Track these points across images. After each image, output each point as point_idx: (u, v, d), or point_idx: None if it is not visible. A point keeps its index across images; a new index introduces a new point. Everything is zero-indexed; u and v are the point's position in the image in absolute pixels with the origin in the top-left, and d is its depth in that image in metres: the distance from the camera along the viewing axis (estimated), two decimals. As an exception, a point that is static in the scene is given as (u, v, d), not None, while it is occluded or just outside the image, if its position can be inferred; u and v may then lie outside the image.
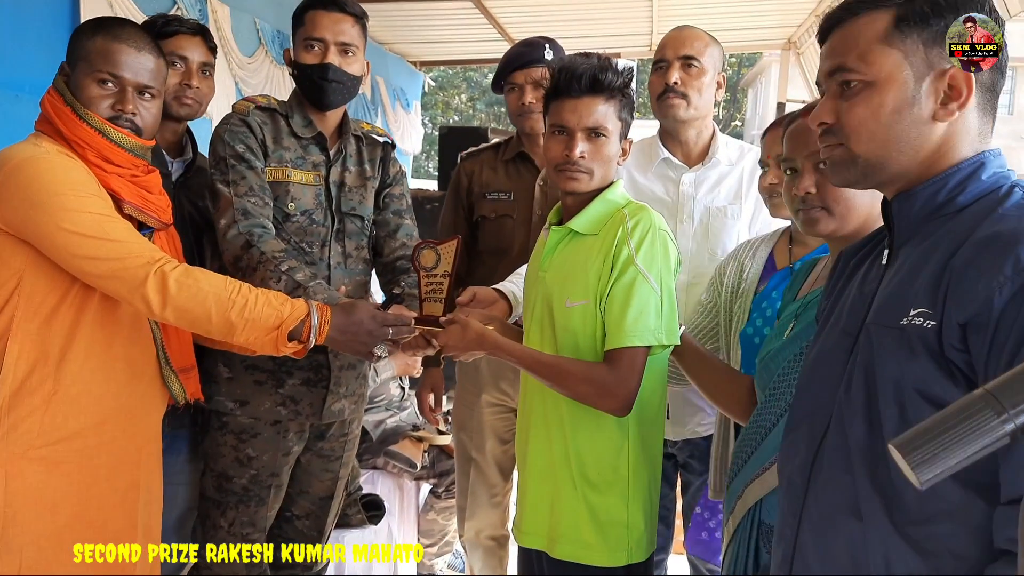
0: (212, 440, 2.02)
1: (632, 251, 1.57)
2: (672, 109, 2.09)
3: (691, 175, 2.15)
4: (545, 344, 1.68)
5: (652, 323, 1.56)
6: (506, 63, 2.41)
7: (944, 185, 1.02)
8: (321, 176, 2.03)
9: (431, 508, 3.05)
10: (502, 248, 2.44)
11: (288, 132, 2.01)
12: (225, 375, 1.99)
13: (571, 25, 6.46)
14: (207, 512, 2.04)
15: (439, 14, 6.37)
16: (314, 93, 1.99)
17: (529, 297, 1.78)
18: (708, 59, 2.08)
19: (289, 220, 1.98)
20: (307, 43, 1.96)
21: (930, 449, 0.57)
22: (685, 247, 2.12)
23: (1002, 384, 0.57)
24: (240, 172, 1.91)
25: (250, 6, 5.06)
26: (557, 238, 1.70)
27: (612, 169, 1.68)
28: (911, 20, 1.01)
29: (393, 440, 2.96)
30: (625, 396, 1.56)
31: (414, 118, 8.33)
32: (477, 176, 2.50)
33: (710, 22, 6.05)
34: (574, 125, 1.62)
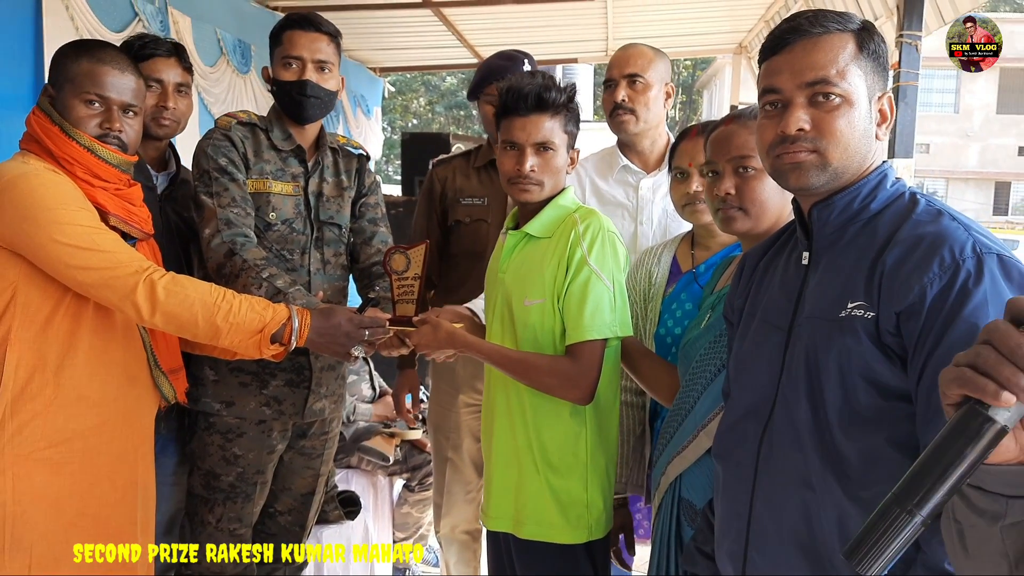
0: (199, 440, 2.11)
1: (585, 252, 1.70)
2: (623, 125, 2.25)
3: (649, 180, 2.28)
4: (506, 339, 1.80)
5: (607, 318, 1.70)
6: (486, 75, 2.50)
7: (858, 194, 1.16)
8: (300, 187, 2.13)
9: (405, 502, 3.13)
10: (477, 251, 2.53)
11: (268, 145, 2.11)
12: (211, 378, 2.08)
13: (529, 32, 6.56)
14: (195, 509, 2.12)
15: (399, 22, 6.43)
16: (293, 108, 2.09)
17: (490, 297, 1.90)
18: (653, 74, 2.22)
19: (270, 229, 2.08)
20: (285, 61, 2.07)
21: (869, 555, 0.71)
22: (646, 247, 2.23)
23: (905, 492, 0.70)
24: (223, 184, 2.01)
25: (211, 16, 5.08)
26: (514, 242, 1.82)
27: (562, 178, 1.81)
28: (866, 48, 1.15)
29: (366, 437, 3.03)
30: (588, 386, 1.70)
31: (375, 124, 8.37)
32: (450, 182, 2.59)
33: (663, 28, 6.22)
34: (523, 141, 1.75)
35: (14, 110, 3.39)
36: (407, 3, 5.81)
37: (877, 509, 0.71)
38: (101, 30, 3.79)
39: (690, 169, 1.82)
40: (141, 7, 4.23)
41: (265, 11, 5.83)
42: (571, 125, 1.80)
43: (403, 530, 3.15)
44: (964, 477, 0.69)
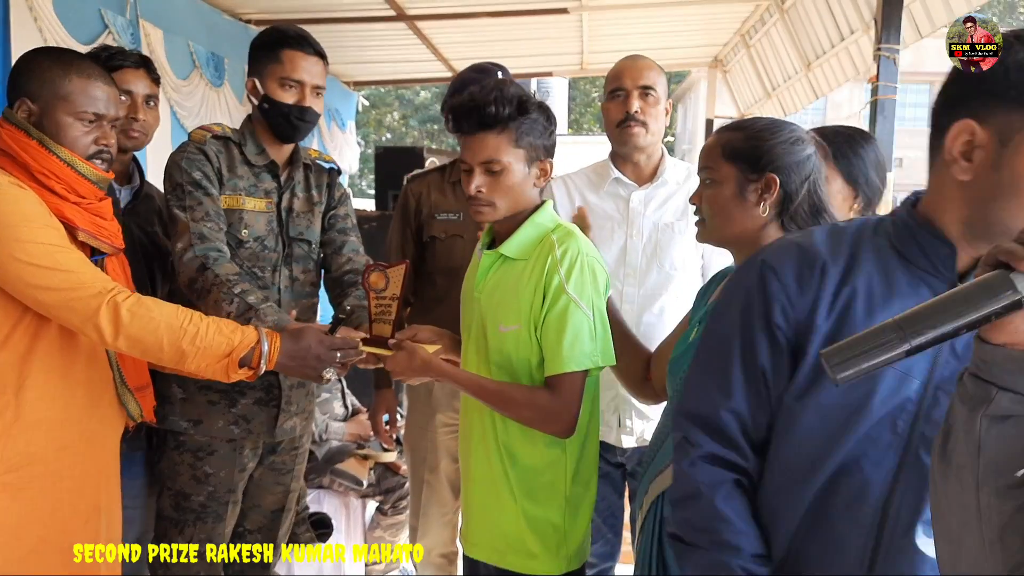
0: (169, 459, 2.06)
1: (562, 279, 1.64)
2: (634, 137, 2.20)
3: (640, 193, 2.25)
4: (480, 364, 1.75)
5: (587, 347, 1.64)
6: (459, 88, 2.45)
7: None
8: (273, 203, 2.10)
9: (378, 525, 3.07)
10: (453, 267, 2.48)
11: (241, 160, 2.09)
12: (179, 396, 2.04)
13: (503, 45, 6.55)
14: (164, 531, 2.07)
15: (373, 35, 6.39)
16: (286, 129, 2.08)
17: (465, 317, 1.84)
18: (660, 88, 2.20)
19: (242, 246, 2.05)
20: (285, 82, 2.04)
21: (846, 357, 0.77)
22: (635, 261, 2.21)
23: (908, 319, 0.76)
24: (197, 198, 1.97)
25: (183, 29, 5.02)
26: (489, 262, 1.76)
27: (523, 195, 1.72)
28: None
29: (339, 459, 2.98)
30: (568, 420, 1.65)
31: (349, 137, 8.31)
32: (426, 198, 2.55)
33: (639, 41, 6.23)
34: (471, 161, 1.69)
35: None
36: (382, 16, 5.78)
37: (875, 327, 0.77)
38: (69, 42, 3.71)
39: None
40: (111, 19, 4.17)
41: (238, 24, 5.78)
42: (529, 136, 1.69)
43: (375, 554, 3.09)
44: (965, 326, 0.74)
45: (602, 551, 2.35)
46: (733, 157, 1.50)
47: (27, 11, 3.48)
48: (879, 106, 3.55)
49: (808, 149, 1.50)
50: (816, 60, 5.24)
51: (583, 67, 7.68)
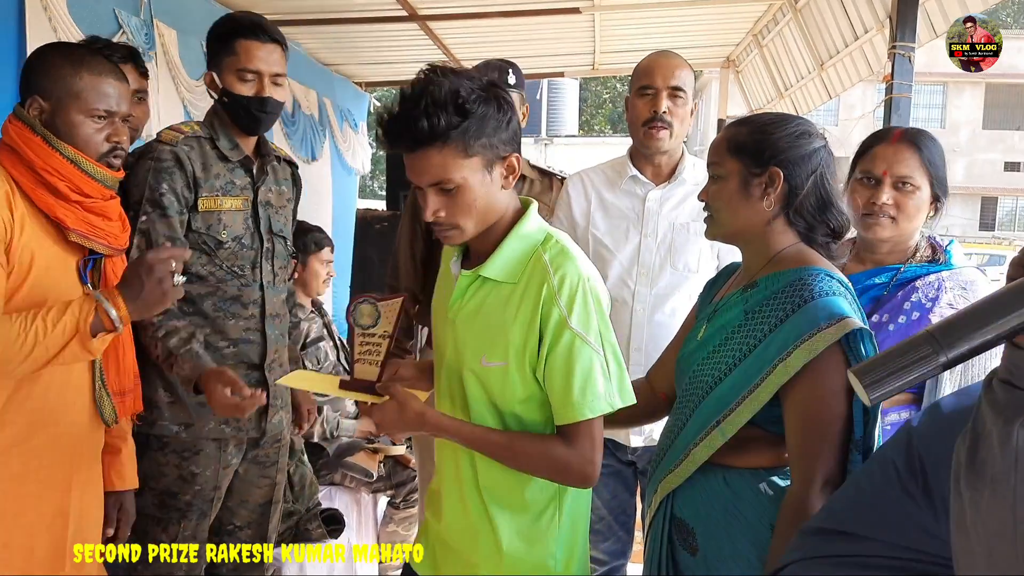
0: (152, 460, 2.04)
1: (564, 313, 1.40)
2: (658, 140, 2.17)
3: (657, 192, 2.23)
4: (455, 400, 1.52)
5: (601, 389, 1.42)
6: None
7: None
8: (248, 200, 2.09)
9: (391, 520, 3.08)
10: (461, 267, 2.49)
11: (216, 156, 2.06)
12: (167, 400, 2.03)
13: (515, 45, 6.55)
14: (146, 529, 2.05)
15: (385, 36, 6.41)
16: (247, 121, 2.06)
17: (439, 338, 1.59)
18: (690, 88, 2.18)
19: (222, 247, 2.04)
20: (242, 73, 2.01)
21: (880, 376, 0.73)
22: (648, 261, 2.20)
23: (942, 329, 0.72)
24: (151, 220, 1.95)
25: (197, 29, 5.03)
26: (467, 283, 1.50)
27: (492, 206, 1.45)
28: None
29: (349, 453, 2.98)
30: (590, 471, 1.45)
31: (361, 138, 8.33)
32: (434, 195, 2.55)
33: (651, 42, 6.21)
34: (419, 182, 1.43)
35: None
36: (393, 17, 5.79)
37: (907, 340, 0.73)
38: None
39: (884, 177, 1.81)
40: (125, 19, 4.19)
41: (251, 24, 5.79)
42: (481, 139, 1.39)
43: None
44: (1006, 334, 0.70)
45: (613, 549, 2.34)
46: (738, 151, 1.50)
47: (42, 11, 3.51)
48: (893, 104, 3.52)
49: (815, 143, 1.50)
50: (830, 60, 5.21)
51: (595, 67, 7.67)
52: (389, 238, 3.46)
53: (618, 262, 2.21)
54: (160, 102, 4.55)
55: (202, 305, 2.03)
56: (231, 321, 2.07)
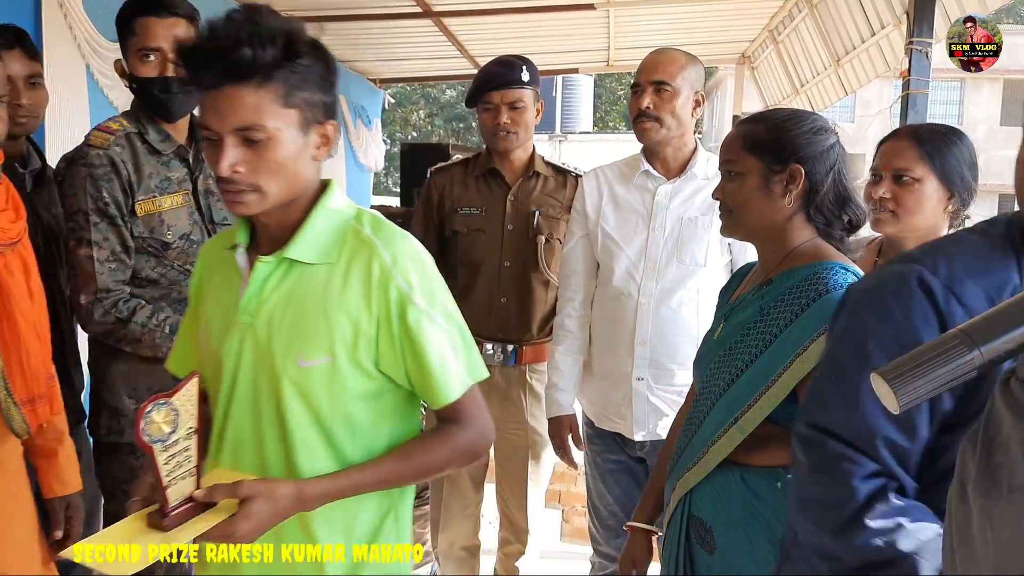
0: (122, 465, 2.01)
1: (405, 288, 1.23)
2: (646, 133, 2.17)
3: (667, 187, 2.23)
4: (263, 416, 1.27)
5: (464, 361, 1.29)
6: (483, 82, 2.45)
7: None
8: (188, 193, 2.00)
9: (405, 519, 3.08)
10: (474, 262, 2.50)
11: (147, 152, 1.95)
12: (132, 407, 1.97)
13: (529, 42, 6.54)
14: None
15: (400, 32, 6.41)
16: (158, 107, 1.93)
17: (217, 356, 1.30)
18: (681, 81, 2.15)
19: (169, 248, 1.97)
20: (142, 54, 1.88)
21: (909, 378, 0.64)
22: (655, 254, 2.19)
23: (975, 324, 0.64)
24: (102, 232, 1.89)
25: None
26: (267, 271, 1.26)
27: (300, 174, 1.24)
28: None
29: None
30: (490, 436, 1.35)
31: (376, 135, 8.35)
32: (448, 191, 2.56)
33: (666, 38, 6.19)
34: (218, 128, 1.18)
35: (10, 119, 3.37)
36: (408, 13, 5.79)
37: (936, 338, 0.64)
38: (98, 39, 3.76)
39: (884, 172, 1.83)
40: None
41: (265, 21, 5.81)
42: (304, 92, 1.20)
43: (402, 546, 3.09)
44: None
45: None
46: (756, 149, 1.48)
47: (58, 8, 3.53)
48: (910, 101, 3.48)
49: (831, 138, 1.49)
50: (846, 56, 5.17)
51: (609, 64, 7.65)
52: (403, 235, 3.47)
53: (625, 255, 2.21)
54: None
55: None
56: None
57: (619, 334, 2.20)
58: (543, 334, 2.53)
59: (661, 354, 2.17)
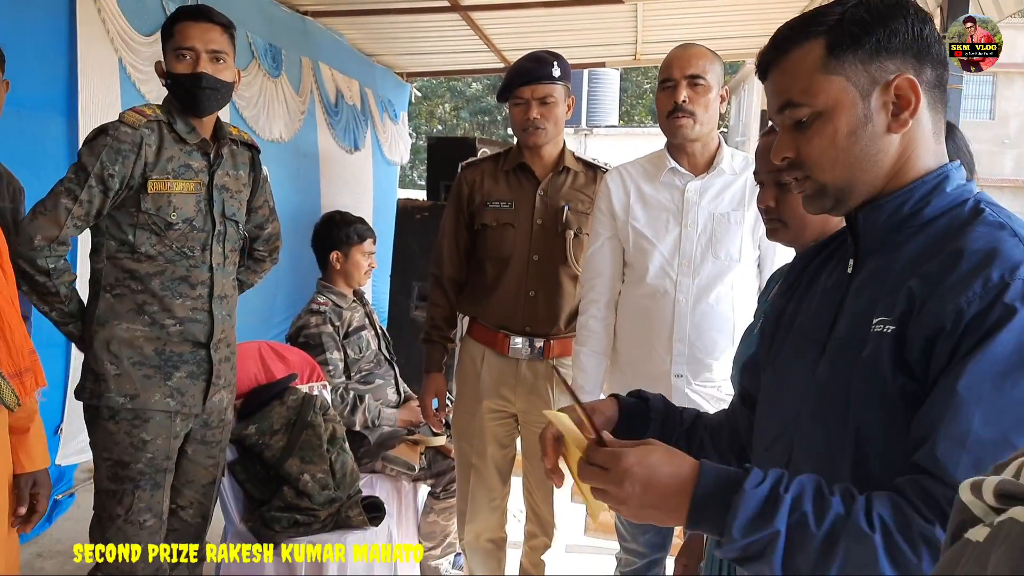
0: (104, 431, 2.10)
1: None
2: (681, 129, 2.16)
3: (696, 183, 2.22)
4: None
5: None
6: (514, 77, 2.46)
7: (910, 197, 1.03)
8: (202, 183, 2.14)
9: (431, 510, 3.10)
10: (503, 256, 2.51)
11: (173, 139, 2.10)
12: (113, 372, 2.08)
13: (556, 35, 6.53)
14: (103, 504, 2.11)
15: (427, 26, 6.42)
16: (189, 101, 2.08)
17: None
18: (712, 76, 2.15)
19: (171, 228, 2.10)
20: (178, 53, 2.05)
21: None
22: (690, 252, 2.19)
23: None
24: (92, 195, 2.01)
25: (242, 21, 5.09)
26: None
27: None
28: (843, 43, 1.00)
29: (390, 444, 3.01)
30: None
31: (402, 128, 8.38)
32: (479, 185, 2.57)
33: (693, 32, 6.16)
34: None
35: (48, 112, 3.42)
36: (435, 7, 5.80)
37: None
38: (131, 33, 3.81)
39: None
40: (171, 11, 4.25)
41: (295, 15, 5.86)
42: None
43: (430, 539, 3.11)
44: None
45: (654, 541, 2.34)
46: None
47: (92, 3, 3.58)
48: (943, 96, 3.43)
49: None
50: (877, 49, 5.12)
51: (637, 58, 7.61)
52: (430, 228, 3.48)
53: (659, 253, 2.21)
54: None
55: (150, 284, 2.08)
56: (178, 300, 2.11)
57: (656, 332, 2.20)
58: (571, 328, 2.53)
59: (700, 350, 2.16)
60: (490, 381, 2.57)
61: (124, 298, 2.09)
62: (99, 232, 2.10)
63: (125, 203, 2.07)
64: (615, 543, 2.48)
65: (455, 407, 2.72)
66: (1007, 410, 0.88)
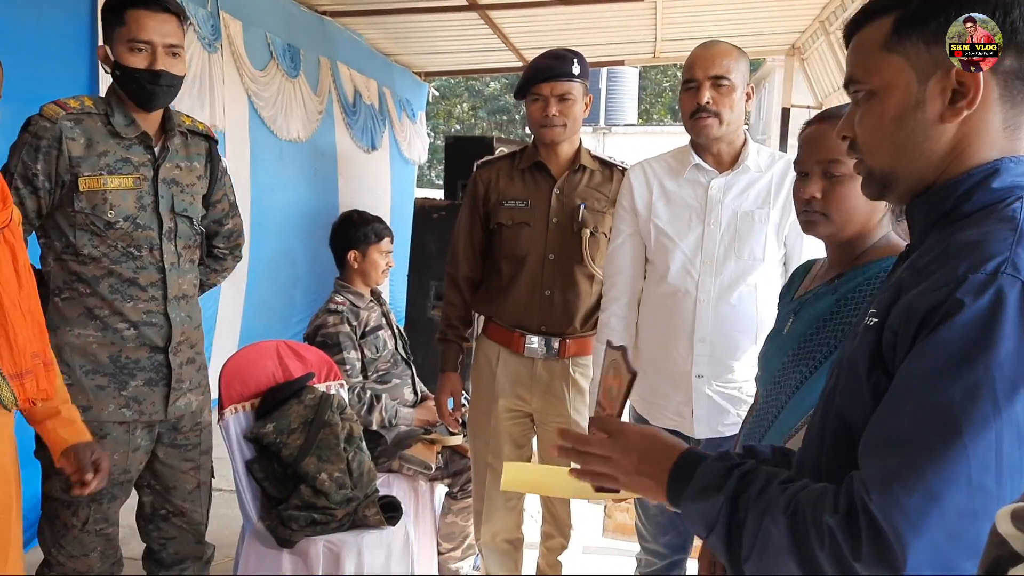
0: None
1: None
2: (706, 129, 2.13)
3: (720, 180, 2.19)
4: None
5: None
6: (533, 73, 2.44)
7: (952, 192, 0.96)
8: (144, 177, 2.02)
9: (449, 510, 3.09)
10: (519, 255, 2.50)
11: (108, 133, 1.98)
12: (65, 382, 1.96)
13: (575, 34, 6.52)
14: (55, 513, 2.04)
15: (445, 26, 6.43)
16: (141, 96, 1.96)
17: None
18: (737, 75, 2.12)
19: (112, 228, 1.98)
20: (132, 45, 1.92)
21: None
22: (712, 250, 2.15)
23: None
24: (22, 195, 1.92)
25: (261, 20, 5.13)
26: None
27: None
28: (909, 22, 0.95)
29: (406, 443, 3.01)
30: None
31: (420, 128, 8.40)
32: (494, 184, 2.56)
33: (714, 29, 6.12)
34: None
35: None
36: (453, 6, 5.80)
37: None
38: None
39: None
40: (192, 11, 4.28)
41: (314, 15, 5.88)
42: None
43: (449, 540, 3.10)
44: None
45: (674, 543, 2.32)
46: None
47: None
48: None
49: None
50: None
51: (656, 55, 7.58)
52: (447, 227, 3.47)
53: (680, 251, 2.18)
54: (225, 92, 4.64)
55: (98, 287, 1.98)
56: (129, 303, 2.01)
57: (676, 331, 2.17)
58: (587, 327, 2.52)
59: (721, 350, 2.13)
60: (506, 380, 2.56)
61: (73, 302, 1.99)
62: (44, 233, 2.00)
63: (62, 202, 1.96)
64: (632, 544, 2.47)
65: (471, 407, 2.71)
66: (933, 411, 0.83)
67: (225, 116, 4.62)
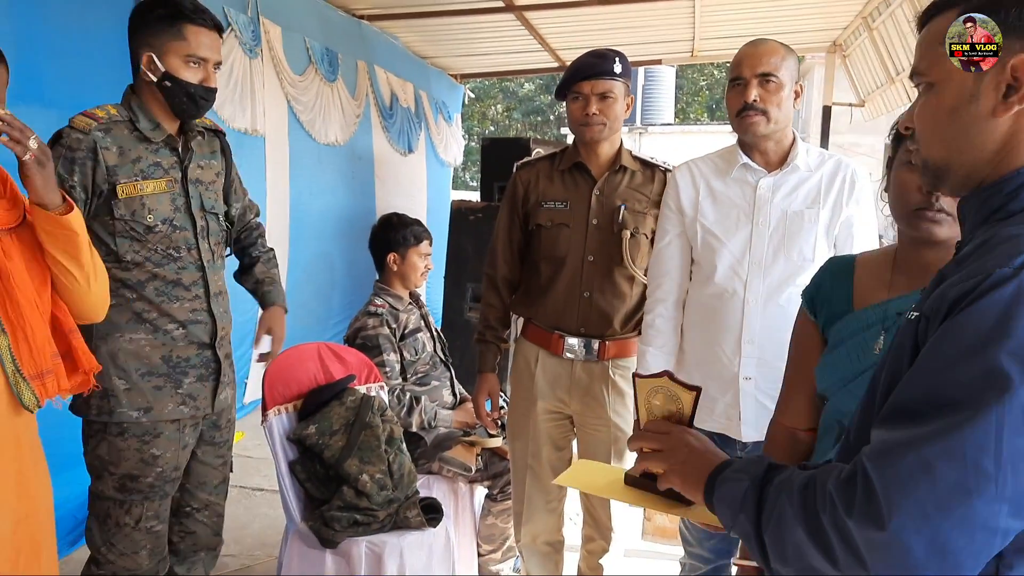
0: (111, 446, 2.06)
1: None
2: (752, 127, 2.11)
3: (769, 180, 2.16)
4: None
5: None
6: (574, 72, 2.43)
7: (1001, 189, 0.95)
8: (175, 179, 2.07)
9: (489, 512, 3.09)
10: (558, 256, 2.48)
11: (136, 139, 2.02)
12: (123, 387, 2.04)
13: (613, 33, 6.49)
14: (107, 512, 2.09)
15: (481, 27, 6.44)
16: (189, 108, 2.03)
17: None
18: (785, 72, 2.09)
19: (151, 232, 2.03)
20: (189, 59, 1.99)
21: None
22: (761, 251, 2.12)
23: None
24: None
25: (300, 26, 5.18)
26: None
27: None
28: (976, 10, 0.94)
29: (446, 445, 3.01)
30: None
31: (455, 130, 8.42)
32: (533, 185, 2.55)
33: (752, 27, 6.04)
34: None
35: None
36: (489, 8, 5.81)
37: None
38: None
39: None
40: (234, 17, 4.34)
41: (351, 19, 5.92)
42: None
43: (489, 542, 3.10)
44: None
45: (719, 548, 2.29)
46: None
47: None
48: None
49: None
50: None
51: (694, 54, 7.52)
52: (484, 229, 3.47)
53: (728, 252, 2.15)
54: (265, 97, 4.69)
55: (143, 291, 2.04)
56: (176, 304, 2.07)
57: (724, 333, 2.14)
58: (626, 329, 2.50)
59: (769, 352, 2.09)
60: (544, 382, 2.55)
61: (121, 308, 2.03)
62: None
63: (99, 212, 2.00)
64: (674, 548, 2.44)
65: (510, 408, 2.71)
66: (941, 389, 0.84)
67: (266, 120, 4.68)
